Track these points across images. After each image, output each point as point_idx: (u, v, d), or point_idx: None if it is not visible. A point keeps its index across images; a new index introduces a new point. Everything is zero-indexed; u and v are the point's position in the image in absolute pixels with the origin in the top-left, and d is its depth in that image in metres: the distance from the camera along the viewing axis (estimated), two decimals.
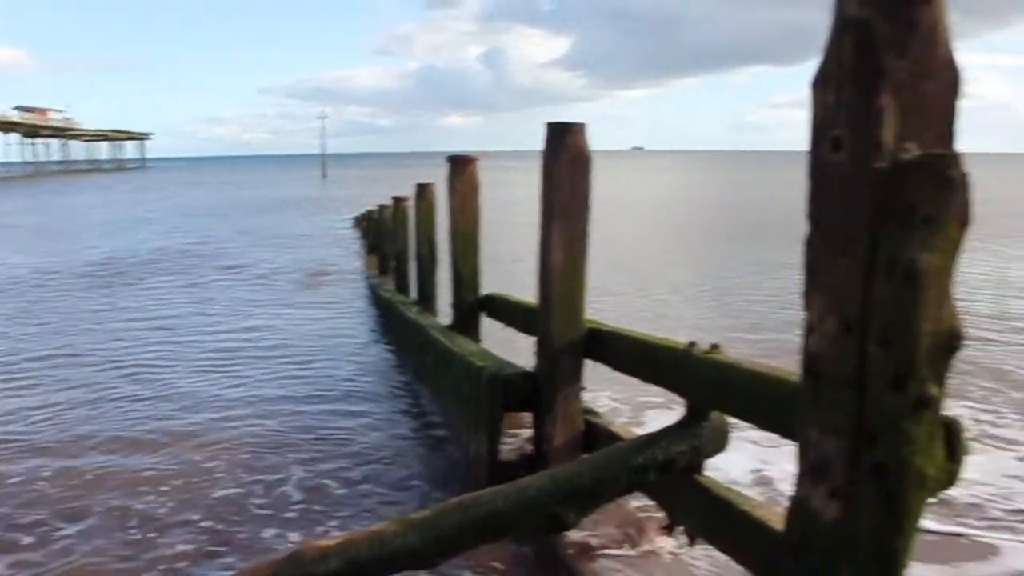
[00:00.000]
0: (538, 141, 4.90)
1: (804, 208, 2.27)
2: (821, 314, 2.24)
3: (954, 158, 2.00)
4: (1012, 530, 4.93)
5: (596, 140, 4.82)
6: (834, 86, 2.16)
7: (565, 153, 4.77)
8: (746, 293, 14.07)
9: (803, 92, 2.30)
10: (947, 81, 2.12)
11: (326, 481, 5.64)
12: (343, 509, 5.16)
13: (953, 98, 2.14)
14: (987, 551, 4.69)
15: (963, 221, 2.00)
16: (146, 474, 5.84)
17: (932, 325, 2.01)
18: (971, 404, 7.62)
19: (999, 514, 5.15)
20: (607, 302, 11.84)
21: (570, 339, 4.88)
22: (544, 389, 4.96)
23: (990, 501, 5.26)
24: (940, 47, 2.11)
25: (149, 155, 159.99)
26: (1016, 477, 5.81)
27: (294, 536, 4.80)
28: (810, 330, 2.28)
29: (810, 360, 2.30)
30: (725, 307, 12.99)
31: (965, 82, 2.12)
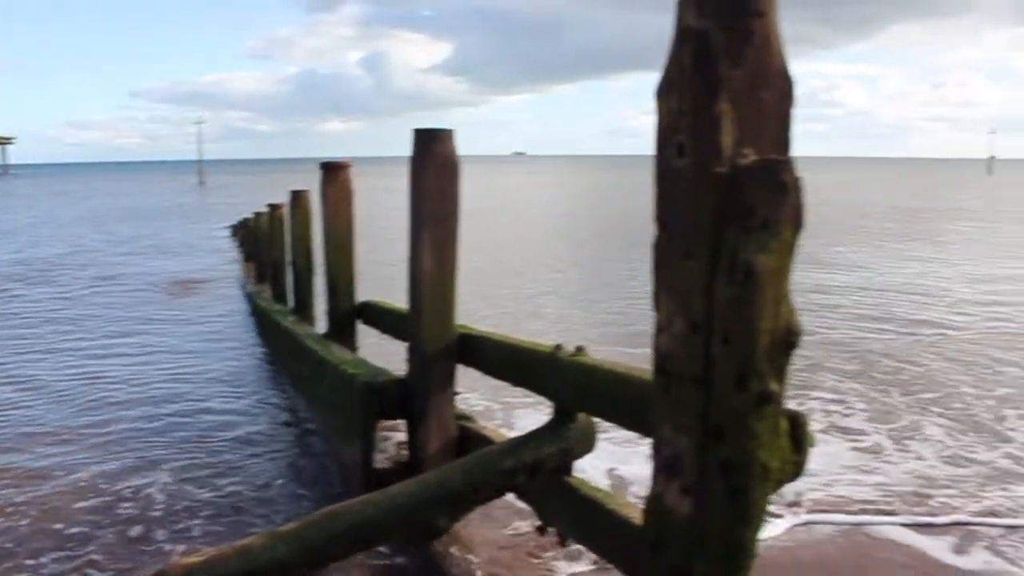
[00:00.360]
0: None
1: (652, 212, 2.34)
2: (669, 315, 2.30)
3: (787, 163, 2.08)
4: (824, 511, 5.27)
5: (478, 145, 4.88)
6: (676, 94, 2.23)
7: (433, 160, 4.77)
8: (620, 293, 14.34)
9: None
10: (782, 90, 2.22)
11: (193, 489, 5.54)
12: (214, 524, 5.04)
13: (788, 106, 2.24)
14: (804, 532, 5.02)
15: (797, 224, 2.09)
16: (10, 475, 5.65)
17: (770, 324, 2.09)
18: (823, 395, 8.04)
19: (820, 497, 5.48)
20: (483, 306, 11.95)
21: (441, 345, 4.88)
22: (417, 396, 4.94)
23: (813, 489, 5.53)
24: (774, 57, 2.20)
25: (11, 161, 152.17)
26: (851, 467, 6.13)
27: (160, 534, 4.75)
28: (660, 330, 2.34)
29: (660, 360, 2.36)
30: (598, 308, 13.24)
31: (797, 90, 2.22)
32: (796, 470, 2.46)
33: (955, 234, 27.89)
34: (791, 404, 2.34)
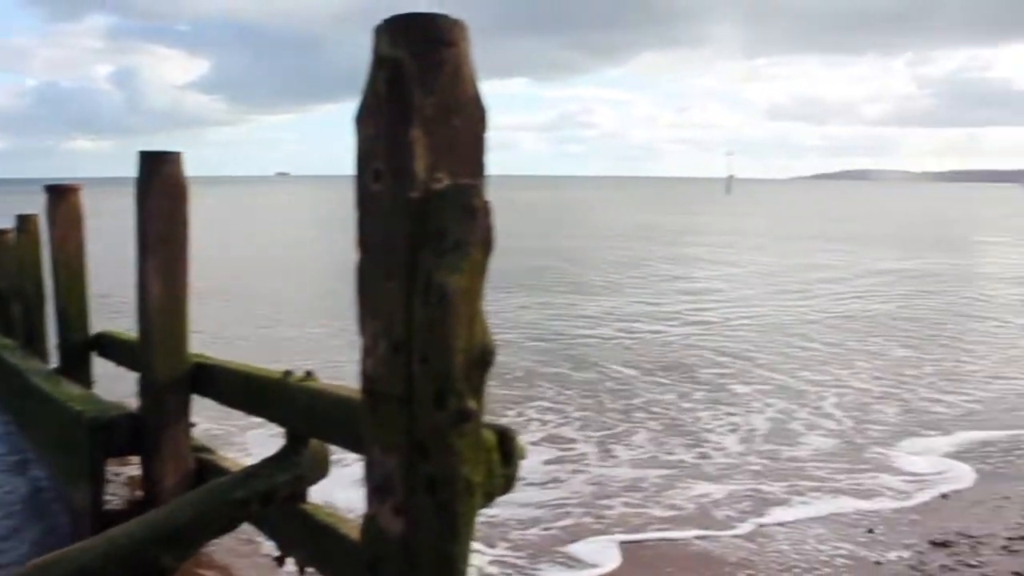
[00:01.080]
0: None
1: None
2: (374, 337, 2.33)
3: (477, 188, 2.17)
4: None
5: (239, 166, 4.73)
6: (373, 120, 2.27)
7: (160, 183, 4.59)
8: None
9: None
10: (474, 116, 2.30)
11: None
12: None
13: (481, 131, 2.33)
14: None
15: (487, 245, 2.17)
16: None
17: (465, 343, 2.16)
18: (544, 404, 8.48)
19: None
20: (228, 333, 11.62)
21: (174, 375, 4.68)
22: (150, 430, 4.71)
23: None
24: (466, 85, 2.29)
25: None
26: (533, 484, 6.36)
27: None
28: (366, 352, 2.36)
29: (367, 381, 2.38)
30: (351, 331, 13.18)
31: (490, 117, 2.32)
32: (507, 483, 2.56)
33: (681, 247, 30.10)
34: (514, 414, 2.43)
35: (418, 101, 2.19)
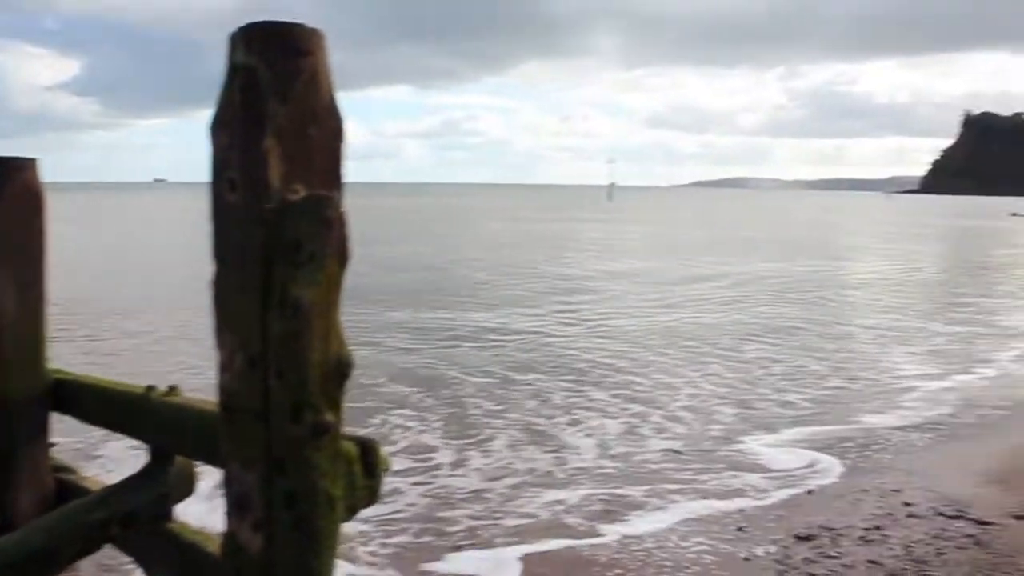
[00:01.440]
0: (48, 171, 4.43)
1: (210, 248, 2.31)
2: (230, 351, 2.28)
3: (331, 199, 2.15)
4: None
5: (114, 172, 4.51)
6: (227, 130, 2.23)
7: (14, 191, 4.37)
8: None
9: None
10: (331, 126, 2.29)
11: None
12: None
13: (338, 142, 2.31)
14: None
15: (343, 257, 2.16)
16: None
17: (321, 356, 2.15)
18: (409, 412, 8.51)
19: None
20: (91, 347, 11.21)
21: (31, 393, 4.45)
22: (4, 451, 4.48)
23: None
24: (323, 95, 2.27)
25: None
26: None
27: None
28: (223, 368, 2.32)
29: (225, 396, 2.33)
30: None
31: (346, 128, 2.31)
32: (371, 495, 2.54)
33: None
34: (377, 423, 2.42)
35: (273, 110, 2.17)
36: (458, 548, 5.45)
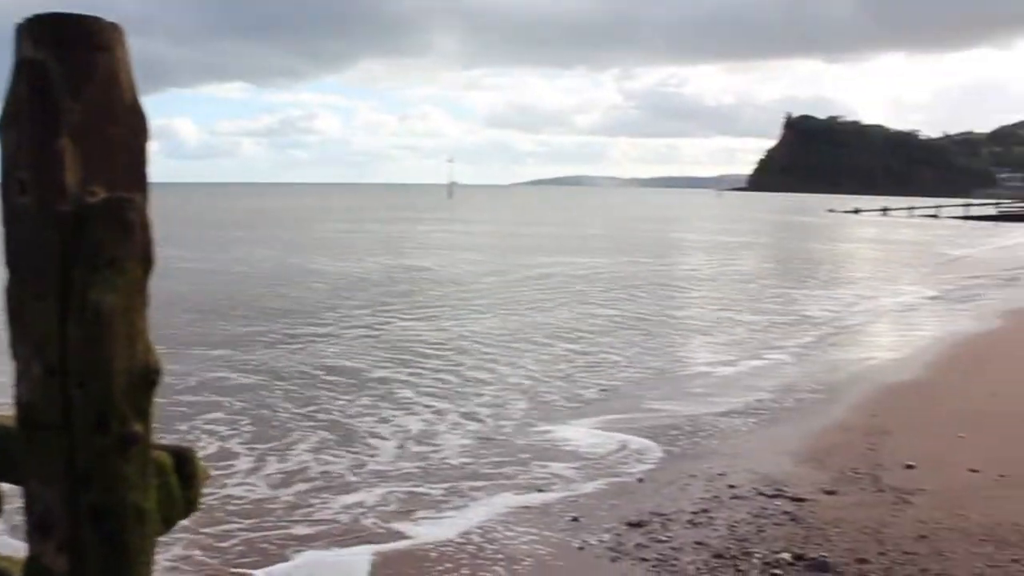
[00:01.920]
0: None
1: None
2: (26, 360, 2.15)
3: (132, 202, 2.07)
4: None
5: None
6: (16, 128, 2.10)
7: None
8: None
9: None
10: (132, 125, 2.19)
11: None
12: None
13: (141, 141, 2.22)
14: None
15: (147, 261, 2.08)
16: None
17: (126, 363, 2.06)
18: (220, 416, 8.37)
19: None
20: None
21: None
22: None
23: None
24: (123, 92, 2.17)
25: None
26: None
27: None
28: (18, 379, 2.19)
29: (22, 410, 2.20)
30: None
31: (150, 127, 2.22)
32: (188, 507, 2.46)
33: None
34: (185, 429, 2.34)
35: (66, 108, 2.06)
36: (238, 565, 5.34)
